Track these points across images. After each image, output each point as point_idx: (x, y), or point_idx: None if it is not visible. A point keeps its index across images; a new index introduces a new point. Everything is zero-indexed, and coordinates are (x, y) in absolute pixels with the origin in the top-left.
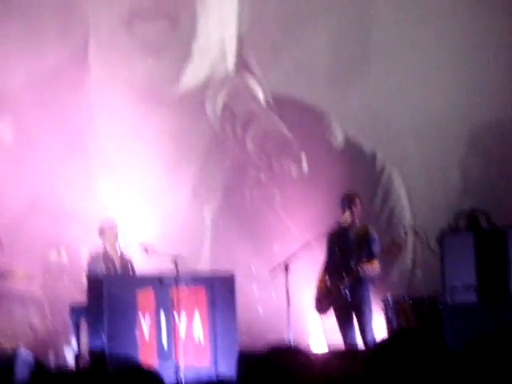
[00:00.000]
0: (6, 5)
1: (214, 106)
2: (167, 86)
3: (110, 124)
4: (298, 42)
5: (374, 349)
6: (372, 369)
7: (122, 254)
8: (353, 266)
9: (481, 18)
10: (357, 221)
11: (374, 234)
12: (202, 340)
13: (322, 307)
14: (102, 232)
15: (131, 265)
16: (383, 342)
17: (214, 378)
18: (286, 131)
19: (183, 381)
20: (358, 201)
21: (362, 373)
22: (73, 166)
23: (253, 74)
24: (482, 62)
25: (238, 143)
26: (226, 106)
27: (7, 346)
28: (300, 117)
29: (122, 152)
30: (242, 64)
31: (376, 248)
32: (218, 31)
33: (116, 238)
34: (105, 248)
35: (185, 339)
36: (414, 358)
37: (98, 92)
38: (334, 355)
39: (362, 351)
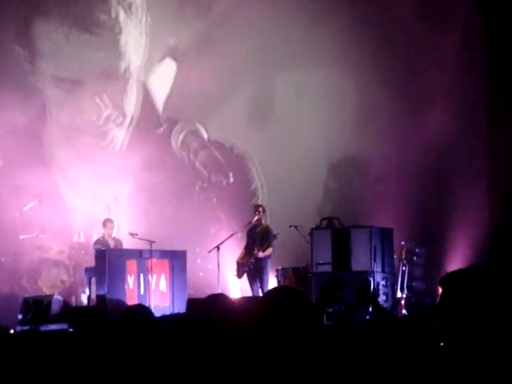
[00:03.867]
0: None
1: (177, 141)
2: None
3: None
4: (224, 101)
5: (263, 297)
6: (263, 310)
7: (115, 238)
8: (255, 250)
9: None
10: (263, 221)
11: (272, 231)
12: (165, 290)
13: (239, 273)
14: (104, 225)
15: (121, 245)
16: (267, 293)
17: (173, 313)
18: (220, 158)
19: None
20: (261, 209)
21: (259, 311)
22: (88, 180)
23: (199, 121)
24: (336, 118)
25: (190, 165)
26: (183, 142)
27: (47, 292)
28: (229, 150)
29: (121, 172)
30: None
31: (271, 241)
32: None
33: (112, 229)
34: (103, 235)
35: (154, 290)
36: (289, 303)
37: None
38: (245, 300)
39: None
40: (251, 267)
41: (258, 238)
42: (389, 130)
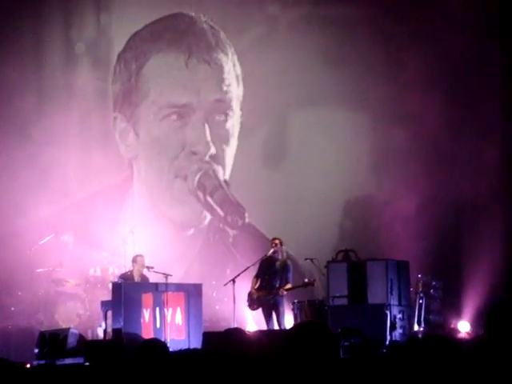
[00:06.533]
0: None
1: (193, 180)
2: None
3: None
4: (240, 141)
5: (288, 332)
6: (288, 344)
7: (142, 275)
8: (276, 285)
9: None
10: (280, 255)
11: (290, 266)
12: (181, 323)
13: (253, 307)
14: (134, 260)
15: (147, 281)
16: (294, 327)
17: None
18: (234, 198)
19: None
20: (278, 242)
21: (284, 345)
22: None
23: (215, 160)
24: (351, 157)
25: (206, 204)
26: (199, 182)
27: (64, 326)
28: (244, 190)
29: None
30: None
31: (290, 275)
32: None
33: (143, 265)
34: (131, 271)
35: (170, 323)
36: (313, 338)
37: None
38: (262, 334)
39: (279, 332)
40: (270, 302)
41: (278, 273)
42: (404, 166)
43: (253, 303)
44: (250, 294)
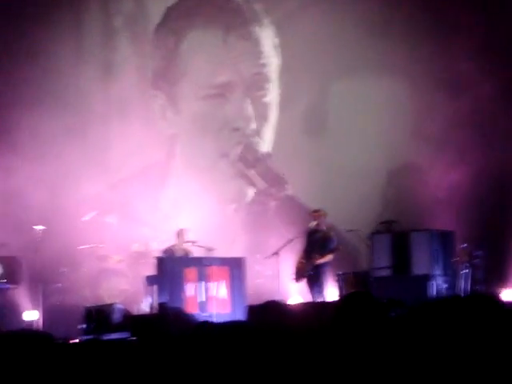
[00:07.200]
0: None
1: (234, 153)
2: None
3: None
4: (281, 112)
5: (336, 303)
6: (336, 315)
7: (185, 249)
8: (314, 256)
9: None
10: (323, 226)
11: (332, 237)
12: (226, 297)
13: (297, 278)
14: (178, 234)
15: (191, 254)
16: (341, 299)
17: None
18: (276, 170)
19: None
20: (321, 213)
21: (333, 316)
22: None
23: (256, 132)
24: (393, 126)
25: (248, 177)
26: (241, 154)
27: (109, 301)
28: (286, 161)
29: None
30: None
31: (330, 246)
32: None
33: (186, 239)
34: (174, 245)
35: (215, 297)
36: (360, 308)
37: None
38: (305, 306)
39: (321, 304)
40: (311, 274)
41: (317, 244)
42: (444, 135)
43: (296, 275)
44: (295, 267)
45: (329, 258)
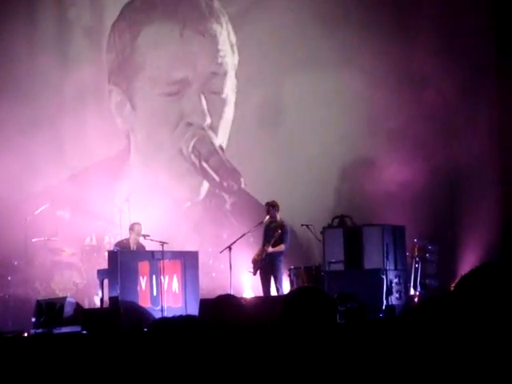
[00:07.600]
0: None
1: (188, 146)
2: None
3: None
4: (235, 106)
5: (285, 297)
6: (285, 309)
7: (139, 244)
8: (265, 244)
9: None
10: (277, 218)
11: (286, 227)
12: (178, 291)
13: (254, 270)
14: (131, 228)
15: (143, 249)
16: (290, 293)
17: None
18: (230, 164)
19: (166, 315)
20: (273, 205)
21: (280, 310)
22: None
23: (209, 126)
24: (349, 121)
25: (201, 170)
26: (194, 147)
27: (60, 295)
28: (239, 154)
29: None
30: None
31: (286, 236)
32: None
33: (139, 233)
34: (127, 239)
35: (167, 291)
36: (309, 303)
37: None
38: (257, 300)
39: (274, 298)
40: (263, 264)
41: (270, 233)
42: (401, 130)
43: (253, 268)
44: (252, 260)
45: (281, 247)
